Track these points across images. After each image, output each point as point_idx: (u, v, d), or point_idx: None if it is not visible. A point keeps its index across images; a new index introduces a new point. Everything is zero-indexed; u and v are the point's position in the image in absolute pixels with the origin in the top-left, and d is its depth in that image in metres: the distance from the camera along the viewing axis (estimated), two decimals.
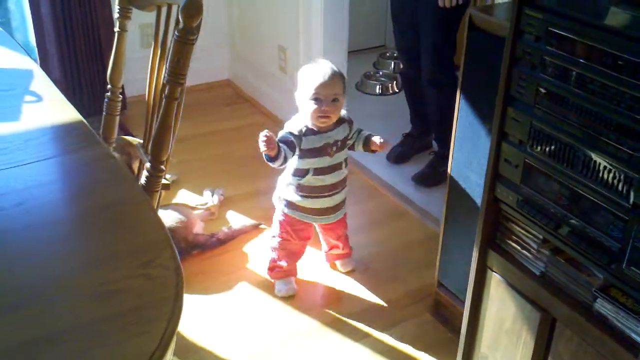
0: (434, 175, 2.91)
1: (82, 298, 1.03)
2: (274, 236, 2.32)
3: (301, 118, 2.17)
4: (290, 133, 2.14)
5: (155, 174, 1.51)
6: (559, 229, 1.42)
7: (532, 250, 1.55)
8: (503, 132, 1.50)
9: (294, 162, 2.18)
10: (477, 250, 1.68)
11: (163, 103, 1.47)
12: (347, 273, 2.42)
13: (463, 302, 1.83)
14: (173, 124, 1.49)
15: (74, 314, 1.00)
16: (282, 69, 3.45)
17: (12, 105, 1.60)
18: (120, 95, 1.87)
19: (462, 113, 1.91)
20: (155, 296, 1.02)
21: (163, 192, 2.75)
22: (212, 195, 2.72)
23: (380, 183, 3.00)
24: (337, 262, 2.44)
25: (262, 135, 2.01)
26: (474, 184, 1.90)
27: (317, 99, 2.09)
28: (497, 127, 1.51)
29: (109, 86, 1.84)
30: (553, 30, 1.34)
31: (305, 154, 2.15)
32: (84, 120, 1.53)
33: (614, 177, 1.27)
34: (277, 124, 3.48)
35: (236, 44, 3.87)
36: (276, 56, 3.48)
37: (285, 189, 2.25)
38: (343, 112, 2.21)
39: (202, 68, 3.81)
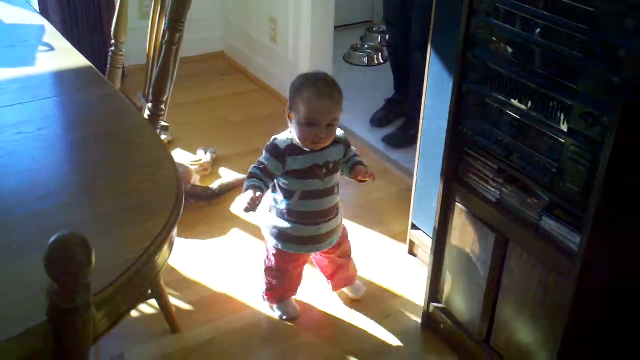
0: (403, 137, 3.13)
1: (98, 197, 1.24)
2: (266, 265, 2.10)
3: (290, 134, 1.91)
4: (268, 156, 1.88)
5: (155, 112, 1.71)
6: (510, 156, 1.63)
7: (489, 180, 1.76)
8: (463, 73, 1.71)
9: (280, 181, 1.93)
10: (442, 184, 1.89)
11: (163, 49, 1.67)
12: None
13: None
14: (171, 68, 1.68)
15: (92, 207, 1.21)
16: (272, 39, 3.64)
17: (28, 53, 1.80)
18: (123, 50, 2.07)
19: (432, 66, 2.12)
20: (161, 195, 1.23)
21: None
22: (205, 153, 2.92)
23: (364, 144, 3.20)
24: (346, 289, 2.22)
25: (250, 198, 1.78)
26: (443, 130, 2.10)
27: (310, 124, 1.83)
28: (458, 69, 1.71)
29: (112, 41, 2.04)
30: None
31: (291, 174, 1.90)
32: (92, 66, 1.73)
33: (552, 106, 1.48)
34: (269, 92, 3.69)
35: (229, 15, 4.06)
36: (267, 27, 3.67)
37: (270, 213, 2.00)
38: (339, 132, 1.98)
39: (196, 39, 3.99)
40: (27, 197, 1.20)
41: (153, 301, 2.09)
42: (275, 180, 1.93)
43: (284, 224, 1.96)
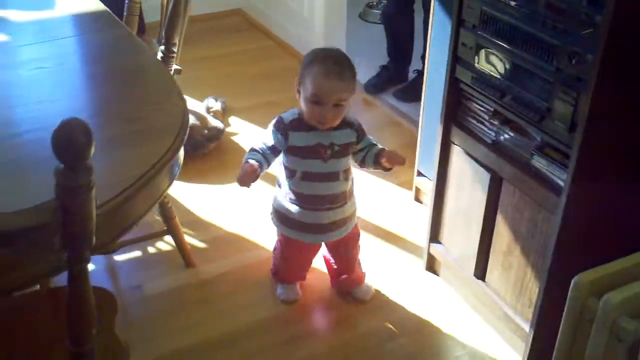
0: (415, 90, 3.14)
1: (110, 122, 1.35)
2: (275, 247, 2.07)
3: (298, 110, 1.84)
4: (272, 130, 1.81)
5: (167, 54, 1.81)
6: (504, 97, 1.71)
7: (485, 122, 1.84)
8: (460, 18, 1.78)
9: (284, 160, 1.86)
10: (441, 127, 1.97)
11: None
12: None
13: None
14: (182, 10, 1.78)
15: (104, 131, 1.32)
16: None
17: None
18: None
19: (436, 16, 2.19)
20: (168, 121, 1.34)
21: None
22: (216, 102, 3.03)
23: (376, 97, 3.28)
24: (353, 292, 2.09)
25: (244, 170, 1.72)
26: None
27: (316, 102, 1.75)
28: (456, 14, 1.78)
29: None
30: None
31: (293, 151, 1.81)
32: (109, 11, 1.83)
33: (542, 48, 1.54)
34: (285, 48, 3.77)
35: None
36: None
37: (277, 195, 1.93)
38: (351, 115, 1.89)
39: None
40: (42, 124, 1.31)
41: (170, 239, 2.22)
42: (281, 158, 1.86)
43: (288, 207, 1.88)
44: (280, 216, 1.92)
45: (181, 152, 1.32)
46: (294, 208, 1.87)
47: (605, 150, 1.55)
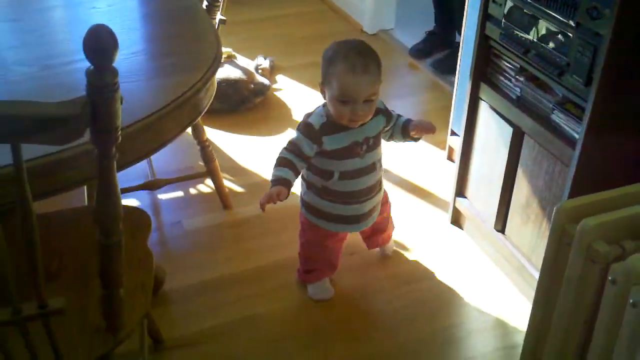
0: (451, 63, 3.16)
1: (153, 54, 1.49)
2: (302, 240, 1.97)
3: (323, 110, 1.74)
4: (302, 137, 1.71)
5: (212, 3, 1.93)
6: (528, 53, 1.77)
7: (511, 78, 1.90)
8: None
9: (315, 161, 1.76)
10: (470, 83, 2.04)
11: None
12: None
13: None
14: None
15: (147, 62, 1.45)
16: None
17: None
18: None
19: None
20: (202, 56, 1.46)
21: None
22: (265, 59, 3.16)
23: (420, 61, 3.34)
24: (380, 249, 2.14)
25: (270, 197, 1.64)
26: None
27: (345, 101, 1.66)
28: None
29: None
30: None
31: (328, 155, 1.73)
32: None
33: (564, 3, 1.60)
34: (337, 12, 3.86)
35: None
36: None
37: (309, 192, 1.83)
38: (378, 102, 1.77)
39: None
40: None
41: (210, 182, 2.37)
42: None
43: (325, 204, 1.82)
44: (316, 211, 1.85)
45: (212, 87, 1.45)
46: (331, 205, 1.81)
47: (619, 104, 1.60)
